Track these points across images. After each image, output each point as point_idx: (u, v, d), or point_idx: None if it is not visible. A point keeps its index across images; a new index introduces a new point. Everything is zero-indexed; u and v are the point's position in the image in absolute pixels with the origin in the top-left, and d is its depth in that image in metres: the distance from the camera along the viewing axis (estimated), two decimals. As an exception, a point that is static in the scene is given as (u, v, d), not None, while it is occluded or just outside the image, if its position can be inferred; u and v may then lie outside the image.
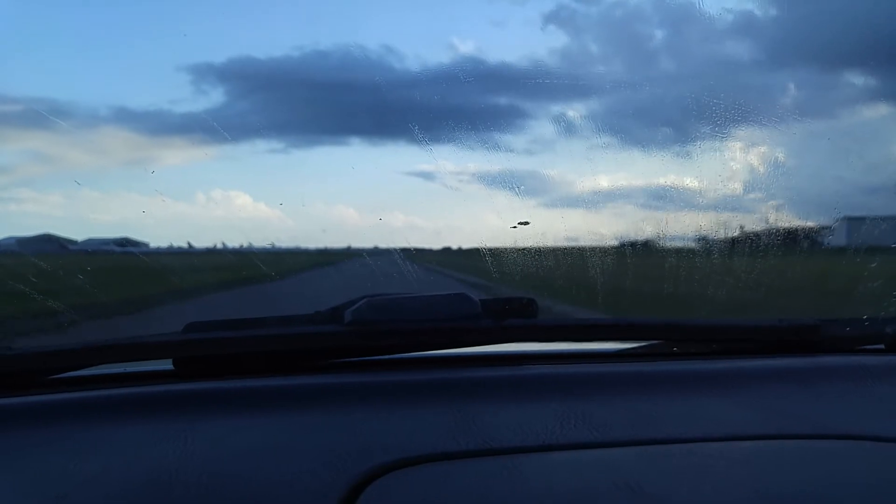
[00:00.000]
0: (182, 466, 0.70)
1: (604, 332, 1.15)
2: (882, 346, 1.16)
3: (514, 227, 1.64)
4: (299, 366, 1.02)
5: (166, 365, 1.01)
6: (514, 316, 1.05)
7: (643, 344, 1.18)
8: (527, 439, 0.76)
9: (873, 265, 1.46)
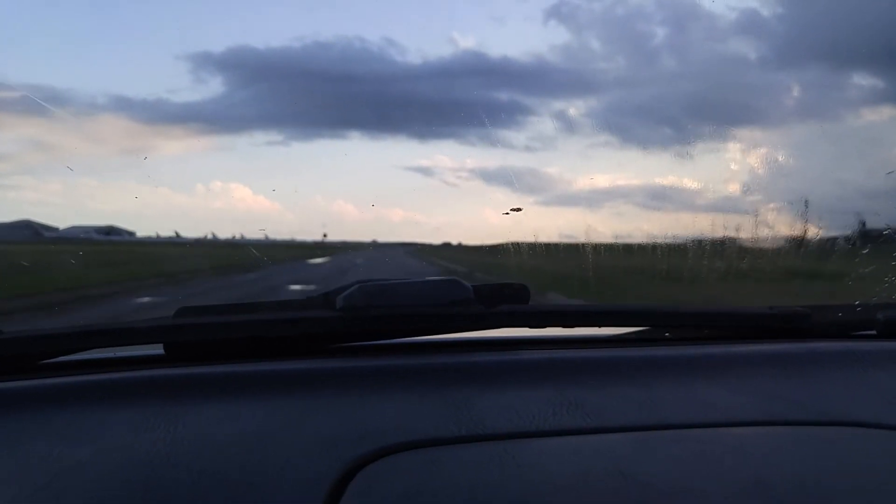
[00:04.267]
0: (172, 452, 0.71)
1: (596, 318, 1.17)
2: (874, 332, 1.18)
3: (507, 213, 1.69)
4: (290, 351, 1.04)
5: (157, 350, 1.02)
6: (507, 301, 1.07)
7: (636, 329, 1.21)
8: (520, 425, 0.77)
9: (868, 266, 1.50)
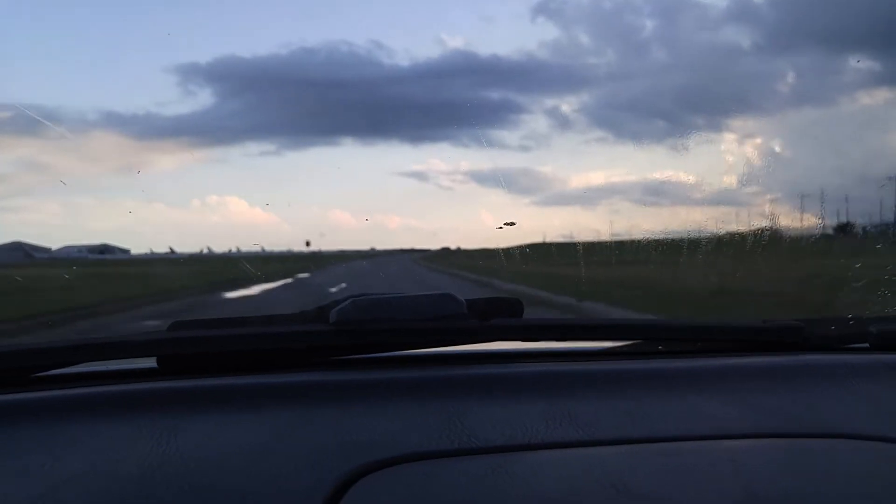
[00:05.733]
0: (166, 465, 0.72)
1: (589, 331, 1.19)
2: (867, 345, 1.19)
3: (500, 227, 1.73)
4: (284, 364, 1.05)
5: (150, 363, 1.03)
6: (500, 315, 1.08)
7: (629, 342, 1.22)
8: (512, 438, 0.78)
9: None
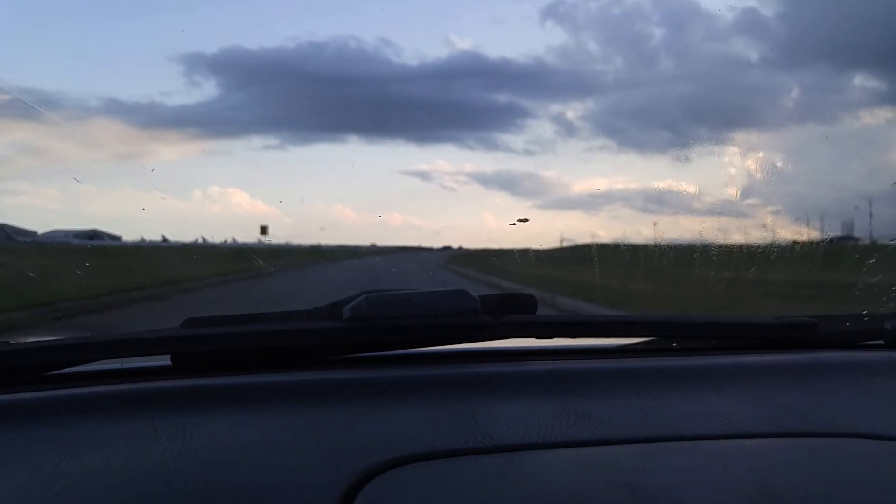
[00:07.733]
0: (180, 463, 0.73)
1: (603, 328, 1.20)
2: (881, 342, 1.21)
3: (513, 223, 1.76)
4: (298, 362, 1.06)
5: (164, 361, 1.04)
6: (513, 312, 1.10)
7: (643, 340, 1.24)
8: (526, 436, 0.79)
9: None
